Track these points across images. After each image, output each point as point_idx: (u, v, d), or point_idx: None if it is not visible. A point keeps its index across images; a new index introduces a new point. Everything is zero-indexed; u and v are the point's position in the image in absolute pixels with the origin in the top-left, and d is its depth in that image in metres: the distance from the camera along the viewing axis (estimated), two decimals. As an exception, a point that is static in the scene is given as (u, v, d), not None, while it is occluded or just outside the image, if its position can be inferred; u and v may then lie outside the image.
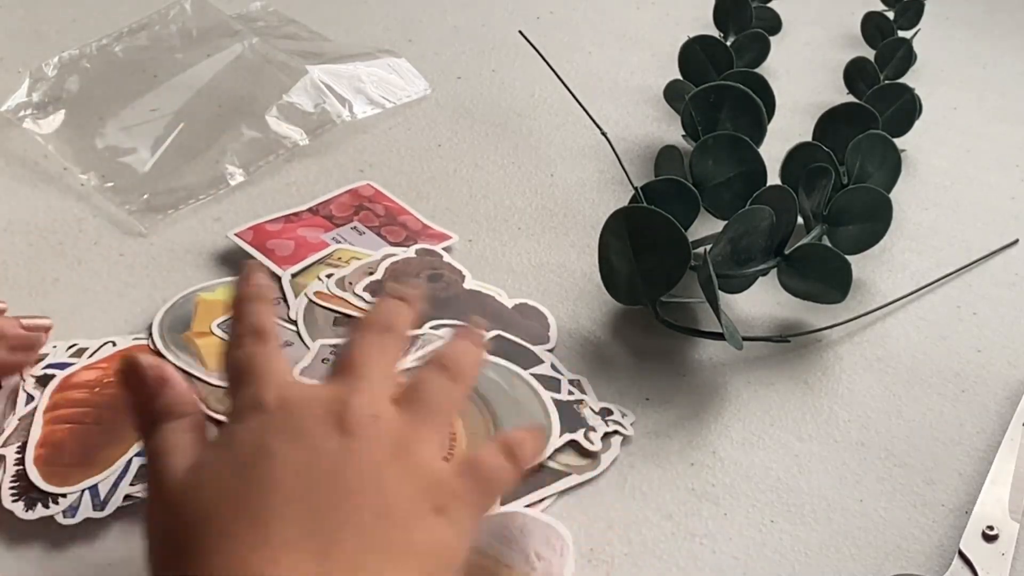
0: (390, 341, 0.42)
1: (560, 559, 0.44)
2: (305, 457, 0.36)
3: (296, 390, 0.39)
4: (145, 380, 0.39)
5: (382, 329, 0.42)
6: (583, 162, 0.67)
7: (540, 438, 0.45)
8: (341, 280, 0.55)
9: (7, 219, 0.60)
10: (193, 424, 0.38)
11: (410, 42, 0.78)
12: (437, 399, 0.41)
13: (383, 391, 0.39)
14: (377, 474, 0.36)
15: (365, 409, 0.38)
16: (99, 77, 0.69)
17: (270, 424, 0.37)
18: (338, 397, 0.38)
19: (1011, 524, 0.46)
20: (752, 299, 0.58)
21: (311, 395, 0.38)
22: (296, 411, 0.37)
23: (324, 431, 0.37)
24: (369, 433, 0.37)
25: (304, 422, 0.37)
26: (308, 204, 0.61)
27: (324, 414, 0.37)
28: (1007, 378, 0.55)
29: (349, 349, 0.41)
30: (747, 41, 0.74)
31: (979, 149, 0.72)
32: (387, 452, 0.37)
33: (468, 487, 0.38)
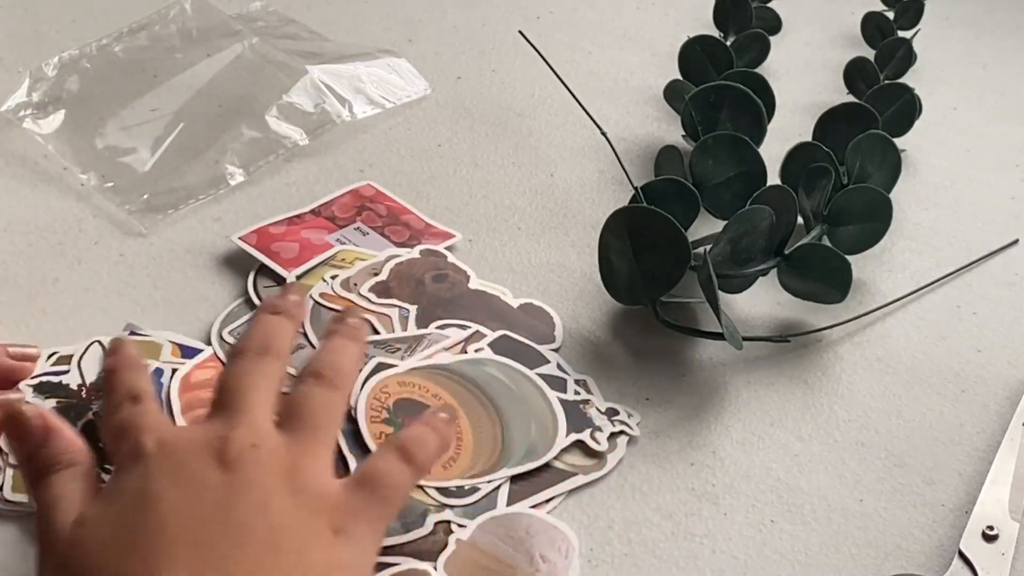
0: (268, 363, 0.41)
1: (565, 561, 0.44)
2: (189, 496, 0.36)
3: (175, 433, 0.39)
4: (29, 430, 0.39)
5: (258, 352, 0.42)
6: (583, 162, 0.67)
7: (442, 428, 0.43)
8: (346, 281, 0.55)
9: (7, 219, 0.60)
10: (81, 473, 0.38)
11: (410, 42, 0.78)
12: (317, 413, 0.40)
13: (263, 417, 0.39)
14: (264, 503, 0.36)
15: (244, 440, 0.38)
16: (99, 77, 0.69)
17: (151, 468, 0.37)
18: (216, 433, 0.38)
19: (1011, 524, 0.46)
20: (752, 299, 0.58)
21: (190, 435, 0.38)
22: (176, 452, 0.37)
23: (205, 468, 0.37)
24: (251, 463, 0.37)
25: (185, 462, 0.37)
26: (309, 205, 0.61)
27: (204, 451, 0.37)
28: (1007, 378, 0.55)
29: (225, 380, 0.41)
30: (747, 41, 0.74)
31: (979, 149, 0.72)
32: (273, 479, 0.37)
33: (363, 501, 0.38)
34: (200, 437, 0.38)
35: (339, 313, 0.47)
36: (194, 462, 0.37)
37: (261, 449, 0.38)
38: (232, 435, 0.38)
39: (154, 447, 0.38)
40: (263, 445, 0.38)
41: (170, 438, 0.38)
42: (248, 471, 0.37)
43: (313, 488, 0.37)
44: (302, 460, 0.38)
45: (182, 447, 0.38)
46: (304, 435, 0.39)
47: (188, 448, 0.38)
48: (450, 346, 0.52)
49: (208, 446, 0.37)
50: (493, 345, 0.53)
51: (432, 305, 0.55)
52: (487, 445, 0.48)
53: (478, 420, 0.49)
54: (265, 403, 0.40)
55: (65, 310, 0.54)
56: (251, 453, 0.37)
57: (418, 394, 0.49)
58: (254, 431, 0.38)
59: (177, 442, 0.38)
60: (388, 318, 0.54)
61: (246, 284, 0.56)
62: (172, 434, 0.39)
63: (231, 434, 0.38)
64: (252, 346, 0.42)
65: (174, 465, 0.37)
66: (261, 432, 0.39)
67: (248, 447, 0.37)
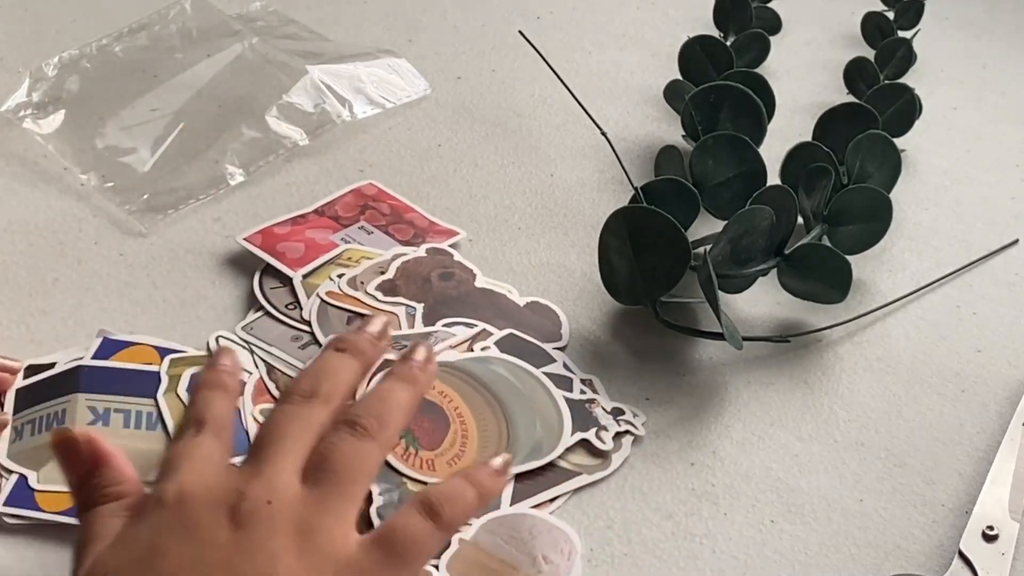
0: (312, 409, 0.40)
1: (567, 563, 0.44)
2: (195, 554, 0.35)
3: (200, 481, 0.37)
4: (79, 456, 0.38)
5: (305, 397, 0.40)
6: (583, 162, 0.67)
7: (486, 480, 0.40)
8: (353, 280, 0.55)
9: (7, 219, 0.60)
10: (127, 507, 0.37)
11: (410, 42, 0.78)
12: (346, 466, 0.38)
13: (287, 471, 0.38)
14: (271, 564, 0.35)
15: (260, 496, 0.36)
16: (99, 77, 0.69)
17: (165, 521, 0.36)
18: (235, 486, 0.37)
19: (1011, 524, 0.46)
20: (752, 299, 0.58)
21: (213, 485, 0.37)
22: (192, 506, 0.36)
23: (215, 524, 0.36)
24: (262, 521, 0.36)
25: (197, 517, 0.36)
26: (310, 205, 0.61)
27: (219, 506, 0.36)
28: (1007, 378, 0.55)
29: (264, 425, 0.40)
30: (747, 41, 0.74)
31: (979, 149, 0.72)
32: (283, 539, 0.35)
33: (381, 562, 0.36)
34: (219, 489, 0.37)
35: (407, 348, 0.44)
36: (207, 518, 0.36)
37: (275, 506, 0.36)
38: (248, 490, 0.36)
39: (173, 499, 0.36)
40: (279, 502, 0.36)
41: (191, 489, 0.37)
42: (258, 530, 0.35)
43: (326, 549, 0.36)
44: (319, 518, 0.36)
45: (199, 502, 0.36)
46: (326, 488, 0.37)
47: (204, 502, 0.36)
48: (457, 344, 0.52)
49: (224, 501, 0.36)
50: (500, 343, 0.53)
51: (439, 303, 0.55)
52: (492, 443, 0.48)
53: (484, 418, 0.49)
54: (295, 454, 0.38)
55: (65, 310, 0.54)
56: (264, 510, 0.36)
57: None
58: (271, 486, 0.37)
59: (197, 495, 0.37)
60: (395, 316, 0.54)
61: (251, 285, 0.56)
62: (197, 484, 0.37)
63: (248, 489, 0.37)
64: (300, 389, 0.40)
65: (187, 520, 0.36)
66: (279, 487, 0.37)
67: (263, 504, 0.36)
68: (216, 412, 0.40)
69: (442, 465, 0.46)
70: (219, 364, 0.42)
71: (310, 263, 0.56)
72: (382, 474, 0.45)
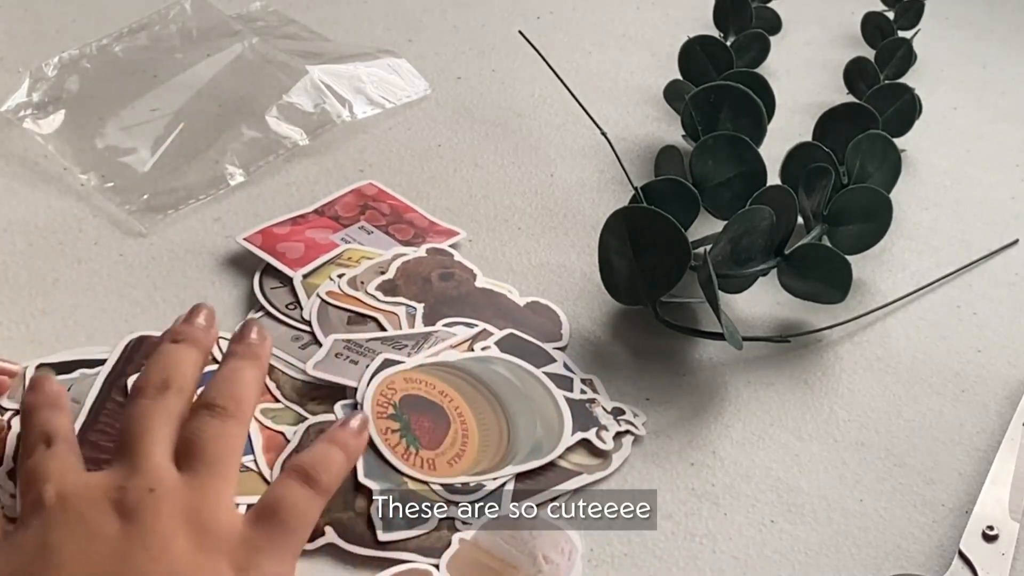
0: (167, 400, 0.41)
1: (568, 563, 0.44)
2: (86, 548, 0.35)
3: (78, 481, 0.38)
4: None
5: (157, 389, 0.41)
6: (583, 162, 0.67)
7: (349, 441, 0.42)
8: (353, 279, 0.55)
9: (7, 219, 0.60)
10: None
11: (410, 42, 0.78)
12: (215, 447, 0.39)
13: (161, 459, 0.39)
14: (164, 549, 0.36)
15: (141, 486, 0.37)
16: (99, 77, 0.69)
17: (50, 520, 0.36)
18: (114, 481, 0.38)
19: (1011, 524, 0.46)
20: (752, 299, 0.58)
21: (91, 484, 0.38)
22: (75, 503, 0.37)
23: (103, 519, 0.36)
24: (148, 510, 0.36)
25: (83, 513, 0.37)
26: (310, 205, 0.61)
27: (102, 501, 0.37)
28: (1007, 378, 0.55)
29: (124, 422, 0.40)
30: (747, 41, 0.74)
31: (979, 149, 0.72)
32: (172, 523, 0.36)
33: (266, 534, 0.38)
34: (99, 486, 0.38)
35: (238, 331, 0.46)
36: (92, 513, 0.37)
37: (158, 493, 0.37)
38: (129, 482, 0.37)
39: (53, 499, 0.37)
40: (160, 489, 0.37)
41: (71, 489, 0.38)
42: (146, 518, 0.36)
43: (215, 529, 0.37)
44: (202, 500, 0.38)
45: (81, 498, 0.37)
46: (201, 472, 0.38)
47: (87, 499, 0.37)
48: (457, 344, 0.52)
49: (106, 496, 0.37)
50: (500, 343, 0.53)
51: (439, 303, 0.55)
52: (493, 442, 0.48)
53: (484, 417, 0.49)
54: (163, 443, 0.39)
55: (65, 310, 0.54)
56: (149, 499, 0.37)
57: (424, 390, 0.49)
58: (151, 475, 0.38)
59: (77, 493, 0.37)
60: (395, 316, 0.54)
61: (251, 285, 0.56)
62: (74, 484, 0.38)
63: (128, 482, 0.37)
64: (151, 382, 0.41)
65: (72, 517, 0.37)
66: (158, 475, 0.38)
67: (145, 493, 0.37)
68: (58, 425, 0.41)
69: (443, 465, 0.46)
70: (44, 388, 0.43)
71: (310, 263, 0.56)
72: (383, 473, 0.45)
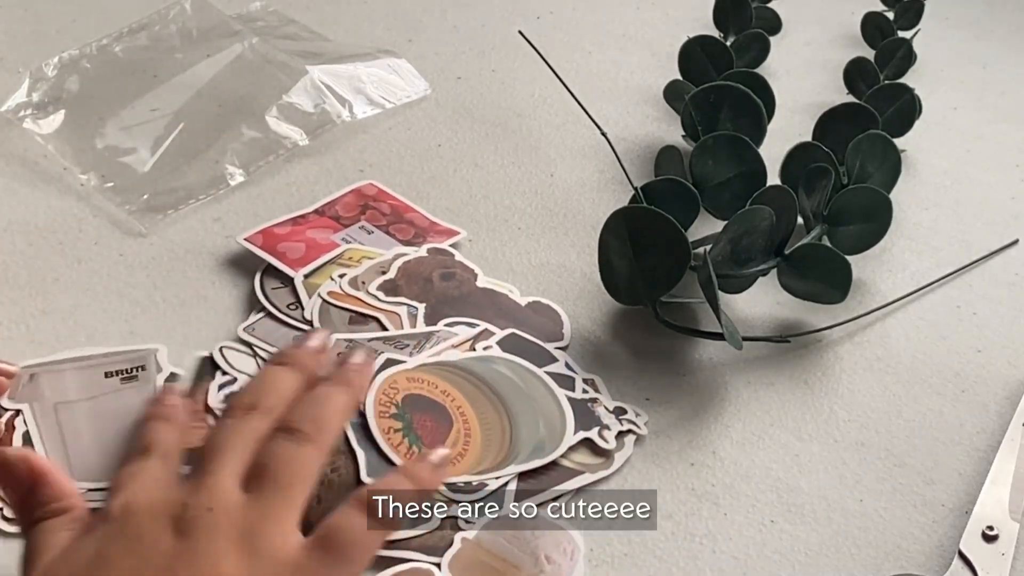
0: (251, 421, 0.41)
1: (570, 563, 0.44)
2: (139, 562, 0.36)
3: (147, 495, 0.38)
4: (15, 475, 0.39)
5: (245, 409, 0.41)
6: (583, 162, 0.67)
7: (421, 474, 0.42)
8: (354, 279, 0.55)
9: (7, 219, 0.60)
10: (71, 521, 0.38)
11: (410, 42, 0.78)
12: (285, 470, 0.39)
13: (228, 479, 0.39)
14: (214, 568, 0.35)
15: (202, 503, 0.37)
16: (99, 77, 0.69)
17: (110, 532, 0.37)
18: (178, 498, 0.38)
19: (1011, 524, 0.46)
20: (752, 299, 0.58)
21: (158, 499, 0.38)
22: (135, 517, 0.37)
23: (159, 534, 0.36)
24: (204, 528, 0.36)
25: (141, 527, 0.37)
26: (310, 205, 0.61)
27: (162, 517, 0.37)
28: (1007, 378, 0.55)
29: (207, 438, 0.41)
30: (747, 41, 0.74)
31: (979, 149, 0.72)
32: (225, 544, 0.36)
33: (324, 563, 0.37)
34: (163, 501, 0.38)
35: (343, 353, 0.45)
36: (150, 528, 0.37)
37: (217, 512, 0.37)
38: (191, 499, 0.37)
39: (119, 511, 0.37)
40: (219, 508, 0.37)
41: (137, 502, 0.38)
42: (200, 537, 0.36)
43: (268, 553, 0.37)
44: (261, 523, 0.37)
45: (145, 512, 0.37)
46: (266, 495, 0.38)
47: (149, 514, 0.37)
48: (459, 343, 0.52)
49: (166, 512, 0.37)
50: (502, 343, 0.53)
51: (440, 303, 0.55)
52: (495, 442, 0.48)
53: (486, 417, 0.49)
54: (235, 464, 0.39)
55: (65, 310, 0.54)
56: (206, 517, 0.37)
57: (427, 390, 0.49)
58: (212, 494, 0.38)
59: (143, 507, 0.38)
60: (397, 316, 0.54)
61: (251, 285, 0.56)
62: (144, 498, 0.38)
63: (190, 499, 0.38)
64: (241, 403, 0.42)
65: (132, 531, 0.37)
66: (219, 495, 0.38)
67: (204, 511, 0.37)
68: (162, 440, 0.42)
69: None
70: (165, 399, 0.44)
71: (311, 263, 0.56)
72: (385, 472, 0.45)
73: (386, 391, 0.49)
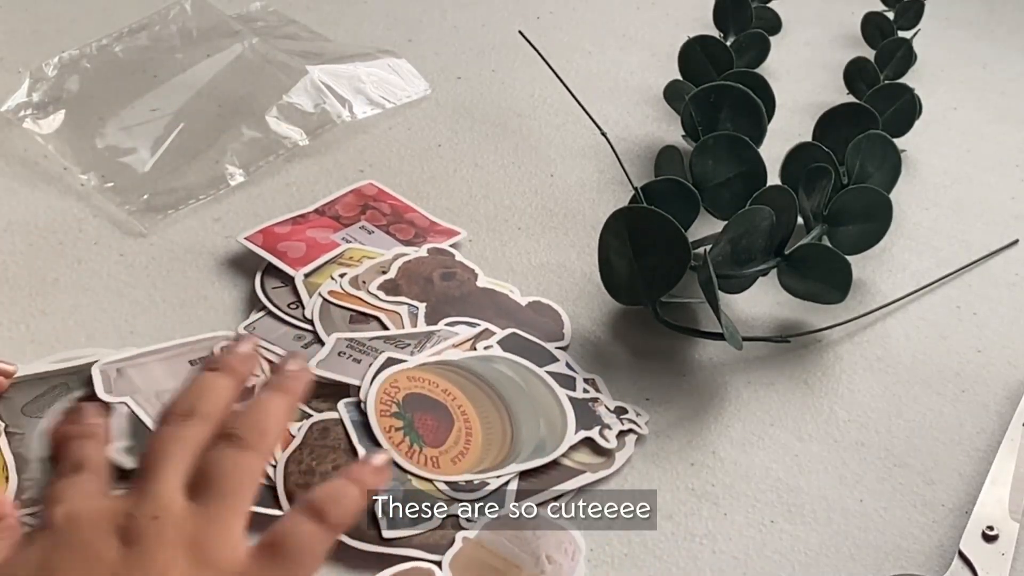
0: (190, 427, 0.40)
1: (571, 563, 0.44)
2: (85, 570, 0.35)
3: (89, 505, 0.38)
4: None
5: (183, 415, 0.41)
6: (583, 162, 0.67)
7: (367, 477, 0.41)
8: (355, 279, 0.56)
9: (7, 219, 0.60)
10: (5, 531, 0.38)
11: (410, 42, 0.78)
12: (229, 477, 0.39)
13: (171, 487, 0.38)
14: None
15: (146, 513, 0.37)
16: (99, 77, 0.69)
17: (54, 542, 0.36)
18: (123, 507, 0.37)
19: (1011, 524, 0.46)
20: (752, 299, 0.58)
21: (102, 508, 0.38)
22: (81, 526, 0.37)
23: (105, 543, 0.36)
24: (151, 537, 0.36)
25: (86, 537, 0.36)
26: (311, 205, 0.61)
27: (107, 526, 0.37)
28: (1007, 378, 0.55)
29: (146, 446, 0.40)
30: (747, 41, 0.74)
31: (979, 149, 0.72)
32: (172, 552, 0.36)
33: (270, 568, 0.37)
34: (107, 511, 0.37)
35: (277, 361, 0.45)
36: (96, 537, 0.36)
37: (163, 521, 0.37)
38: (137, 509, 0.37)
39: (62, 520, 0.37)
40: (165, 517, 0.37)
41: (80, 512, 0.37)
42: (148, 545, 0.36)
43: (215, 560, 0.36)
44: (206, 530, 0.37)
45: (88, 521, 0.37)
46: (212, 502, 0.38)
47: (93, 522, 0.37)
48: (460, 343, 0.52)
49: (112, 521, 0.37)
50: (503, 343, 0.53)
51: (441, 303, 0.55)
52: (496, 441, 0.48)
53: (487, 416, 0.49)
54: (177, 471, 0.39)
55: (65, 310, 0.54)
56: (152, 526, 0.36)
57: (427, 389, 0.49)
58: (158, 503, 0.37)
59: (85, 516, 0.37)
60: (397, 315, 0.54)
61: (252, 285, 0.56)
62: (85, 507, 0.38)
63: (136, 507, 0.37)
64: (177, 409, 0.41)
65: (76, 539, 0.36)
66: (165, 503, 0.38)
67: (150, 520, 0.37)
68: (91, 455, 0.41)
69: (446, 462, 0.46)
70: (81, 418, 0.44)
71: (312, 262, 0.56)
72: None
73: (387, 390, 0.49)
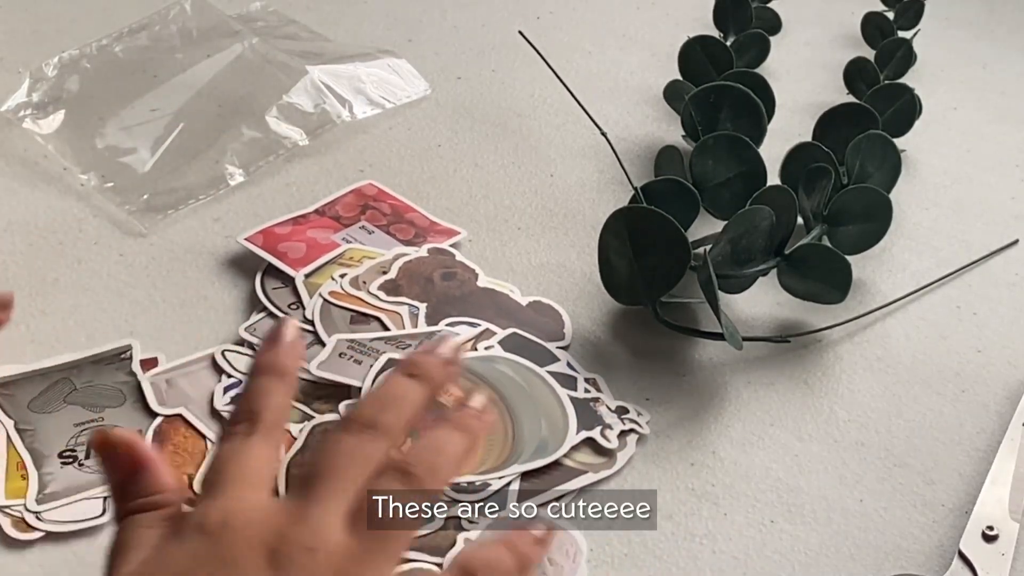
0: (369, 443, 0.37)
1: (573, 565, 0.44)
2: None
3: (245, 511, 0.36)
4: (117, 460, 0.36)
5: (364, 426, 0.37)
6: (583, 162, 0.67)
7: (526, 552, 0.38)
8: (355, 279, 0.56)
9: (7, 219, 0.60)
10: (164, 518, 0.36)
11: (410, 42, 0.78)
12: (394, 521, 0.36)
13: (334, 513, 0.36)
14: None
15: (303, 541, 0.35)
16: (99, 77, 0.69)
17: (203, 550, 0.34)
18: (278, 527, 0.35)
19: (1011, 524, 0.46)
20: (752, 299, 0.58)
21: (256, 519, 0.35)
22: (232, 538, 0.35)
23: (252, 564, 0.34)
24: (300, 569, 0.34)
25: (235, 552, 0.34)
26: (311, 205, 0.61)
27: (259, 544, 0.34)
28: (1007, 378, 0.55)
29: (320, 453, 0.37)
30: (747, 41, 0.74)
31: (979, 149, 0.72)
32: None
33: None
34: (262, 525, 0.35)
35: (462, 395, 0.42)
36: (244, 555, 0.34)
37: (317, 555, 0.34)
38: (292, 532, 0.35)
39: (215, 525, 0.35)
40: (320, 551, 0.35)
41: (235, 518, 0.35)
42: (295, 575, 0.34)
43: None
44: (358, 572, 0.35)
45: (240, 534, 0.35)
46: (370, 543, 0.35)
47: (245, 537, 0.35)
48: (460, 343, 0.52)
49: (265, 541, 0.34)
50: (503, 343, 0.53)
51: (442, 303, 0.55)
52: (498, 441, 0.48)
53: None
54: (343, 495, 0.36)
55: (65, 310, 0.54)
56: (304, 557, 0.34)
57: None
58: (316, 535, 0.35)
59: (240, 525, 0.35)
60: (398, 316, 0.54)
61: (252, 285, 0.56)
62: (242, 516, 0.35)
63: (292, 530, 0.35)
64: (362, 417, 0.38)
65: (224, 553, 0.34)
66: (324, 536, 0.35)
67: (304, 550, 0.34)
68: (271, 405, 0.38)
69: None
70: (280, 342, 0.39)
71: (312, 263, 0.56)
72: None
73: (387, 390, 0.49)
